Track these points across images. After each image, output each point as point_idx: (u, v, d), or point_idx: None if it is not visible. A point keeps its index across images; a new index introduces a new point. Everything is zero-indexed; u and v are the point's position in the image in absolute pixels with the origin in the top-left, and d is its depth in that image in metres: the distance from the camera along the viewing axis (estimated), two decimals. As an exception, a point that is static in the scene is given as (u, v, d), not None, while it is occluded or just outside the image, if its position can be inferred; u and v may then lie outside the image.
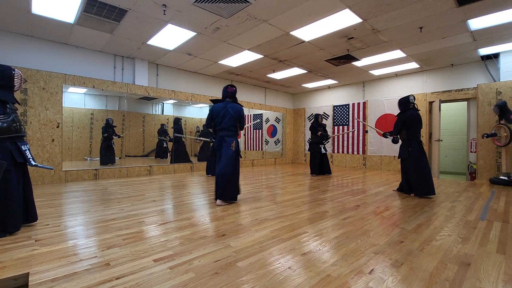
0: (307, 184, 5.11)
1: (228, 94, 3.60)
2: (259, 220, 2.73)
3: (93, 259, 1.80)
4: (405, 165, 4.15)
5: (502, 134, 5.20)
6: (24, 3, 3.73)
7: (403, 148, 4.15)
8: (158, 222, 2.65)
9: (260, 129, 10.11)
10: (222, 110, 3.51)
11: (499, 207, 3.36)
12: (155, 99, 7.57)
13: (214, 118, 3.56)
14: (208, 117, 3.62)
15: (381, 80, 7.87)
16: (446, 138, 8.12)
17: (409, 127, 4.01)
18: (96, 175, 5.57)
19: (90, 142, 7.18)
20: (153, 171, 6.43)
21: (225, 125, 3.49)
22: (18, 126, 2.34)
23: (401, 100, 4.19)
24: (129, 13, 4.00)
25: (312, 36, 4.79)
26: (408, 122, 4.00)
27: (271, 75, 7.57)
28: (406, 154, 4.05)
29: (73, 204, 3.38)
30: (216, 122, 3.55)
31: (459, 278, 1.59)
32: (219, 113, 3.51)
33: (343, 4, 3.70)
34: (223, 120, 3.49)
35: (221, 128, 3.51)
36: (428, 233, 2.38)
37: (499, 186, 4.97)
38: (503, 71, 5.63)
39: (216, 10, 3.87)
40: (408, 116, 3.99)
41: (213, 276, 1.58)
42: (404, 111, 4.09)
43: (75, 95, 6.97)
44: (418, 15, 3.99)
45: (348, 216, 2.93)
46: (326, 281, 1.54)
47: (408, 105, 4.07)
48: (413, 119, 3.98)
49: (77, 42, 5.20)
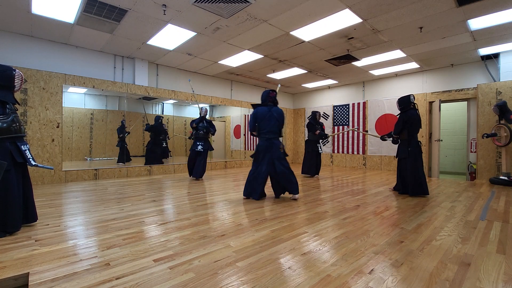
0: (307, 184, 5.11)
1: (270, 99, 3.81)
2: (259, 220, 2.73)
3: (93, 259, 1.80)
4: (402, 165, 4.16)
5: (502, 134, 5.20)
6: (24, 3, 3.73)
7: (402, 147, 4.16)
8: (158, 222, 2.65)
9: (260, 129, 10.10)
10: (267, 113, 3.71)
11: (499, 207, 3.36)
12: (155, 99, 7.57)
13: (258, 121, 3.73)
14: (252, 120, 3.77)
15: (381, 80, 7.87)
16: (446, 138, 8.13)
17: (410, 126, 4.03)
18: (96, 175, 5.57)
19: (90, 142, 7.19)
20: (153, 171, 6.43)
21: (271, 128, 3.71)
22: (17, 127, 2.34)
23: (401, 99, 4.19)
24: (129, 13, 4.00)
25: (312, 36, 4.79)
26: (409, 122, 4.02)
27: (271, 75, 7.58)
28: (405, 153, 4.07)
29: (73, 204, 3.38)
30: (261, 125, 3.72)
31: (459, 278, 1.59)
32: (264, 117, 3.71)
33: (343, 4, 3.70)
34: (269, 123, 3.70)
35: (268, 131, 3.71)
36: (428, 233, 2.38)
37: (499, 186, 4.97)
38: (503, 71, 5.63)
39: (216, 10, 3.87)
40: (410, 116, 4.02)
41: (213, 276, 1.58)
42: (405, 111, 4.10)
43: (75, 95, 6.97)
44: (418, 15, 3.99)
45: (348, 216, 2.93)
46: (326, 281, 1.54)
47: (409, 104, 4.09)
48: (414, 119, 4.02)
49: (77, 42, 5.20)
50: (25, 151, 2.36)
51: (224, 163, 8.15)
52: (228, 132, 10.92)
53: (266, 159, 3.66)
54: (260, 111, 3.74)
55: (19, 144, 2.34)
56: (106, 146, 7.58)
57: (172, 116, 9.54)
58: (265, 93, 3.83)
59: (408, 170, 4.00)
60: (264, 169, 3.66)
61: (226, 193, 4.18)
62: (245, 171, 7.26)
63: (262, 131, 3.73)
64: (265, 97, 3.81)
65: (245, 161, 8.78)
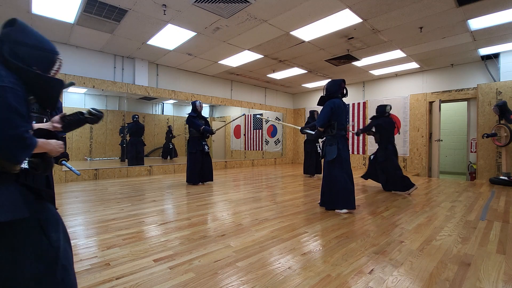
0: (307, 184, 5.11)
1: (343, 90, 3.20)
2: (259, 220, 2.73)
3: (93, 259, 1.80)
4: (383, 167, 4.47)
5: (502, 134, 5.20)
6: (24, 3, 3.73)
7: (380, 152, 4.50)
8: (158, 222, 2.65)
9: (260, 129, 10.12)
10: (343, 107, 3.17)
11: (499, 207, 3.36)
12: (155, 99, 7.57)
13: (336, 115, 3.11)
14: (328, 113, 3.10)
15: (381, 80, 7.87)
16: (446, 138, 8.12)
17: (385, 133, 4.43)
18: (96, 175, 5.57)
19: (90, 142, 7.19)
20: (153, 171, 6.43)
21: (345, 123, 3.18)
22: None
23: (379, 107, 4.58)
24: (129, 13, 4.00)
25: (312, 36, 4.79)
26: (383, 128, 4.42)
27: (271, 75, 7.57)
28: (383, 157, 4.41)
29: (73, 204, 3.38)
30: (339, 120, 3.12)
31: (459, 278, 1.59)
32: (341, 110, 3.12)
33: (343, 4, 3.70)
34: (345, 118, 3.18)
35: (344, 127, 3.16)
36: (428, 233, 2.38)
37: (499, 186, 4.97)
38: (503, 71, 5.63)
39: (216, 10, 3.87)
40: (381, 123, 4.43)
41: (213, 276, 1.58)
42: (377, 117, 4.53)
43: (75, 95, 6.97)
44: (418, 15, 3.99)
45: (348, 216, 2.93)
46: (326, 281, 1.54)
47: (384, 114, 4.49)
48: (388, 125, 4.44)
49: (77, 42, 5.20)
50: None
51: (224, 163, 8.15)
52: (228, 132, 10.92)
53: (349, 161, 3.18)
54: (338, 104, 3.10)
55: None
56: (106, 146, 7.58)
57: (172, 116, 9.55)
58: (336, 83, 3.19)
59: (390, 171, 4.34)
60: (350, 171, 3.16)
61: (226, 193, 4.17)
62: (245, 171, 7.26)
63: (339, 127, 3.13)
64: (337, 87, 3.18)
65: (245, 161, 8.78)
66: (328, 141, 3.20)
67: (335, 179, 3.08)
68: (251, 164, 8.88)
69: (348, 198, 3.04)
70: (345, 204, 3.04)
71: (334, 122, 3.12)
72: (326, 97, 3.25)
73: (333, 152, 3.09)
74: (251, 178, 5.96)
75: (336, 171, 3.09)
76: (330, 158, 3.12)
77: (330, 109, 3.09)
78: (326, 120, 3.12)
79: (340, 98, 3.22)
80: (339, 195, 3.05)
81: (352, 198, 3.05)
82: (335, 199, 3.10)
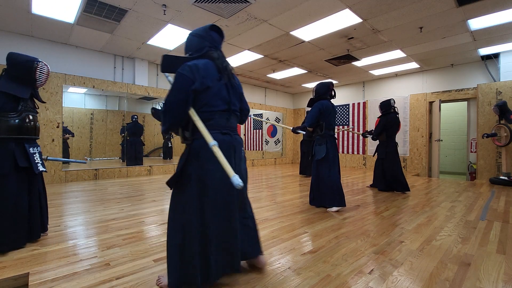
0: (307, 184, 5.11)
1: (331, 91, 3.31)
2: (259, 220, 2.72)
3: (93, 259, 1.80)
4: (381, 164, 4.43)
5: (502, 134, 5.21)
6: (24, 3, 3.73)
7: (380, 149, 4.44)
8: (158, 222, 2.65)
9: (260, 129, 10.12)
10: (331, 107, 3.25)
11: (499, 207, 3.36)
12: (155, 99, 7.56)
13: (325, 116, 3.20)
14: (316, 114, 3.19)
15: (381, 80, 7.87)
16: (446, 138, 8.13)
17: (389, 129, 4.34)
18: (96, 175, 5.57)
19: (90, 142, 7.18)
20: (153, 171, 6.43)
21: (333, 124, 3.29)
22: (30, 126, 2.04)
23: (383, 103, 4.47)
24: (129, 13, 4.00)
25: (312, 36, 4.79)
26: (389, 125, 4.32)
27: (271, 75, 7.57)
28: (383, 154, 4.37)
29: (73, 204, 3.38)
30: (327, 120, 3.21)
31: (459, 278, 1.59)
32: (330, 111, 3.23)
33: (343, 4, 3.70)
34: (333, 119, 3.28)
35: (332, 127, 3.27)
36: (428, 233, 2.38)
37: (499, 186, 4.97)
38: (503, 71, 5.63)
39: (216, 10, 3.87)
40: (389, 120, 4.32)
41: (213, 276, 1.57)
42: (385, 114, 4.39)
43: (75, 95, 6.96)
44: (418, 15, 3.99)
45: (348, 216, 2.93)
46: (326, 281, 1.54)
47: (390, 108, 4.38)
48: (394, 123, 4.33)
49: (77, 42, 5.20)
50: (33, 154, 2.03)
51: (224, 163, 8.14)
52: (228, 132, 10.90)
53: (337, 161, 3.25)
54: (326, 104, 3.21)
55: (27, 146, 2.02)
56: (106, 146, 7.57)
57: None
58: (324, 85, 3.30)
59: (388, 169, 4.30)
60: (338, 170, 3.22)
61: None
62: (245, 171, 7.24)
63: (328, 127, 3.23)
64: (325, 89, 3.29)
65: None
66: (318, 141, 3.27)
67: (324, 177, 3.15)
68: (251, 164, 8.88)
69: (336, 195, 3.10)
70: (333, 201, 3.09)
71: (322, 123, 3.21)
72: (316, 98, 3.35)
73: (322, 151, 3.16)
74: (251, 178, 5.96)
75: (324, 170, 3.16)
76: (319, 157, 3.18)
77: (318, 110, 3.20)
78: (315, 120, 3.22)
79: (329, 99, 3.32)
80: (327, 192, 3.12)
81: (341, 196, 3.12)
82: (323, 197, 3.18)
